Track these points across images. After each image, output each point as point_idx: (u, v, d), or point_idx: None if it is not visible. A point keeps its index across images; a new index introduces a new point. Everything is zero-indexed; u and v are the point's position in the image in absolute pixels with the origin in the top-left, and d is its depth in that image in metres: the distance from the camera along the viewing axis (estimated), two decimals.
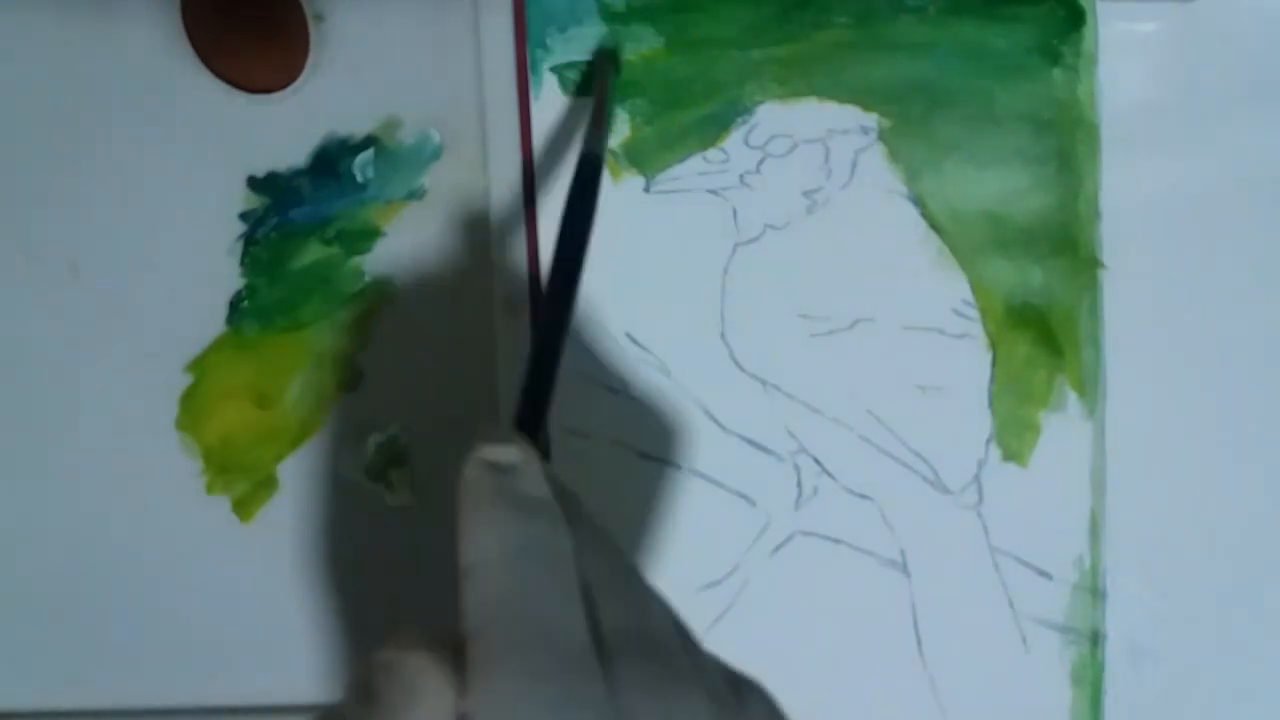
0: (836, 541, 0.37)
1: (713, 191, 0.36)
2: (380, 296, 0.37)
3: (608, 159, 0.36)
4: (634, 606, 0.21)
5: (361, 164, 0.37)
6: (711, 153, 0.36)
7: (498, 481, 0.22)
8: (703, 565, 0.37)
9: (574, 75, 0.36)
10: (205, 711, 0.39)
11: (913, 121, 0.35)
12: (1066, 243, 0.36)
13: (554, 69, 0.36)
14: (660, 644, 0.21)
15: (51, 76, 0.37)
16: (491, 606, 0.20)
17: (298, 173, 0.37)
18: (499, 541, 0.21)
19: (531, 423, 0.26)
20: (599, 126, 0.32)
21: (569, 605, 0.20)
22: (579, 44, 0.36)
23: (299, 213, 0.37)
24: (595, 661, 0.19)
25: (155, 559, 0.39)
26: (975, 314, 0.36)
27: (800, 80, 0.36)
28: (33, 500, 0.39)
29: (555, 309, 0.28)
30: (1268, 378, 0.36)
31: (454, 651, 0.19)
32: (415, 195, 0.37)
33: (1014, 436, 0.36)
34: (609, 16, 0.35)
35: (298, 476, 0.38)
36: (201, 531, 0.38)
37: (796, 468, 0.37)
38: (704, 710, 0.20)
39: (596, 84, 0.35)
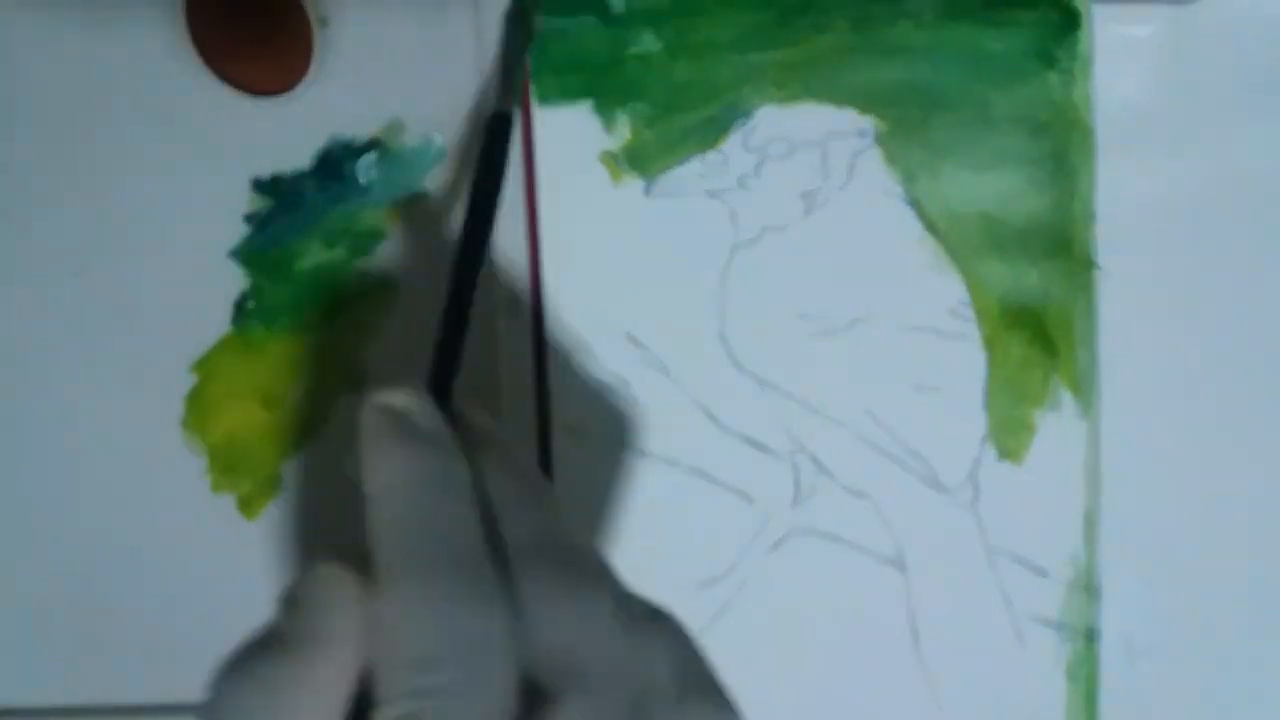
0: (834, 539, 0.37)
1: (712, 194, 0.36)
2: (383, 297, 0.37)
3: (608, 161, 0.36)
4: (542, 522, 0.23)
5: (365, 166, 0.37)
6: (710, 156, 0.36)
7: (393, 422, 0.24)
8: (700, 563, 0.37)
9: (573, 78, 0.36)
10: None
11: (910, 125, 0.36)
12: (1062, 244, 0.36)
13: (556, 72, 0.36)
14: (568, 552, 0.23)
15: (55, 79, 0.37)
16: (390, 525, 0.22)
17: (302, 175, 0.37)
18: (396, 472, 0.23)
19: (440, 382, 0.28)
20: (507, 82, 0.33)
21: (465, 521, 0.22)
22: (580, 47, 0.36)
23: (303, 215, 0.37)
24: (490, 564, 0.21)
25: (161, 557, 0.39)
26: (971, 315, 0.36)
27: (798, 84, 0.36)
28: (38, 499, 0.39)
29: (463, 271, 0.29)
30: (1263, 378, 0.36)
31: (361, 564, 0.22)
32: (418, 198, 0.37)
33: (1009, 435, 0.36)
34: (609, 20, 0.36)
35: (302, 475, 0.38)
36: (207, 529, 0.38)
37: (794, 466, 0.37)
38: (605, 610, 0.22)
39: (505, 38, 0.35)
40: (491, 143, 0.32)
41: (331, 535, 0.38)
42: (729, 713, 0.22)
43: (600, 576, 0.23)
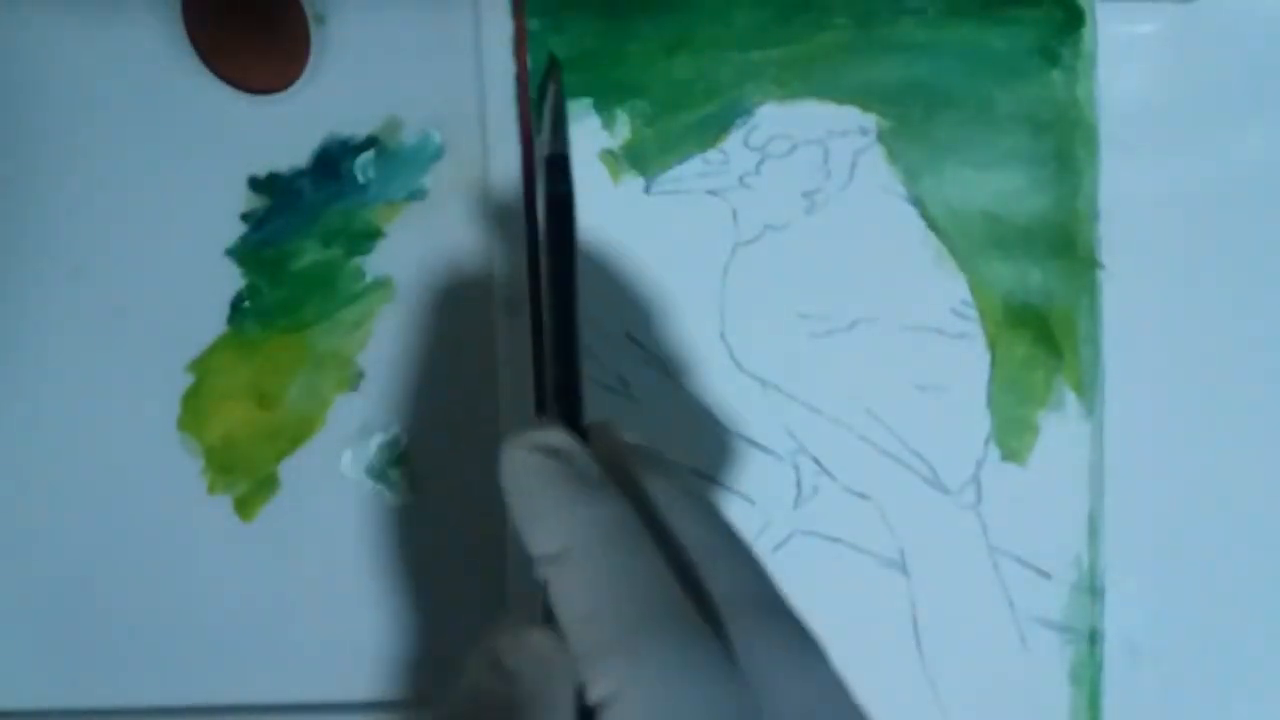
0: (836, 541, 0.37)
1: (712, 192, 0.36)
2: (381, 297, 0.37)
3: (607, 159, 0.36)
4: (744, 569, 0.21)
5: (362, 165, 0.37)
6: (711, 154, 0.36)
7: (556, 466, 0.21)
8: None
9: (575, 78, 0.36)
10: (206, 710, 0.39)
11: (912, 123, 0.35)
12: (1065, 243, 0.36)
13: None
14: (780, 604, 0.21)
15: (52, 77, 0.37)
16: (592, 591, 0.20)
17: (299, 173, 0.37)
18: (574, 528, 0.20)
19: (568, 406, 0.26)
20: (559, 124, 0.33)
21: (663, 576, 0.20)
22: (580, 44, 0.36)
23: (300, 213, 0.37)
24: (711, 630, 0.19)
25: (157, 558, 0.39)
26: (974, 314, 0.36)
27: (800, 81, 0.36)
28: (34, 500, 0.39)
29: (560, 303, 0.28)
30: (1267, 378, 0.36)
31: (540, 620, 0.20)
32: (416, 196, 0.37)
33: (1013, 436, 0.36)
34: (610, 15, 0.35)
35: (299, 476, 0.38)
36: (203, 531, 0.38)
37: (796, 467, 0.37)
38: (835, 675, 0.20)
39: (551, 90, 0.35)
40: (554, 186, 0.30)
41: (330, 537, 0.38)
42: None
43: (813, 633, 0.21)
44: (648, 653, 0.19)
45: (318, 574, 0.38)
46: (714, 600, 0.20)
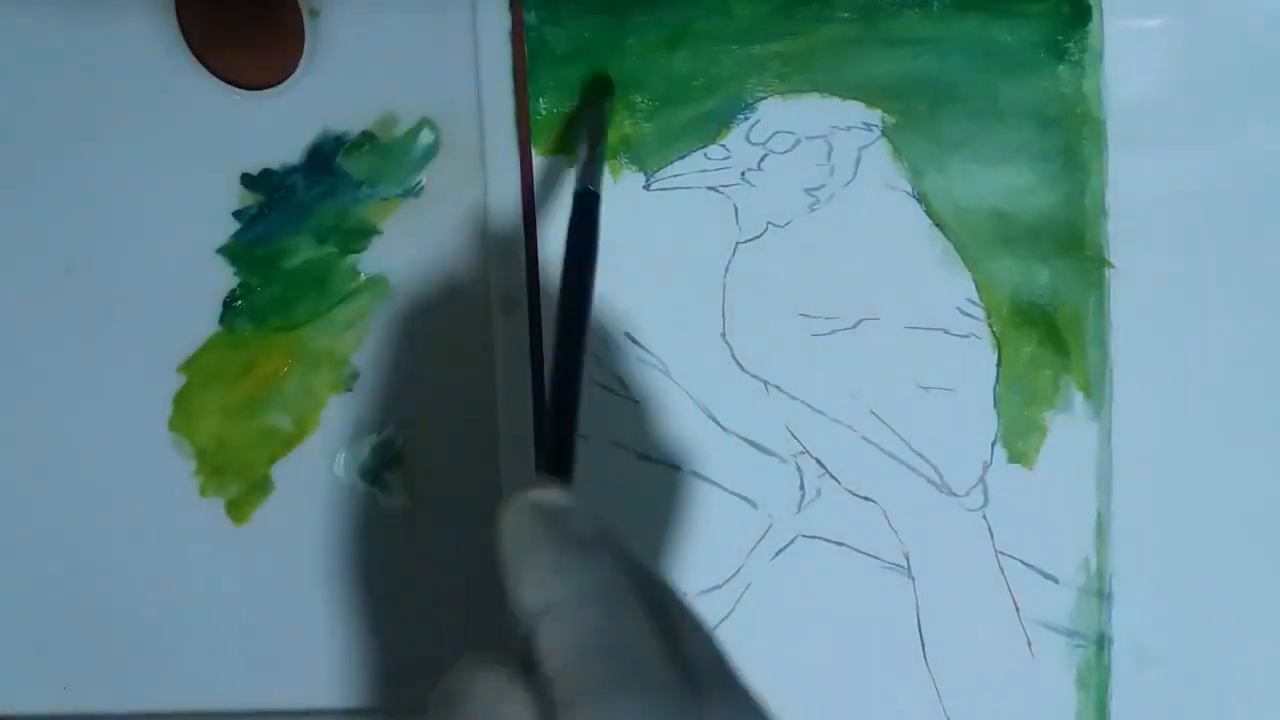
0: (839, 545, 0.37)
1: (714, 189, 0.36)
2: (376, 296, 0.37)
3: (609, 159, 0.36)
4: (709, 635, 0.22)
5: (357, 161, 0.36)
6: (713, 149, 0.36)
7: (551, 524, 0.23)
8: (704, 569, 0.37)
9: (573, 73, 0.35)
10: (197, 715, 0.39)
11: (917, 118, 0.35)
12: (1073, 241, 0.35)
13: (553, 63, 0.35)
14: (736, 672, 0.22)
15: (43, 72, 0.37)
16: (575, 646, 0.20)
17: (292, 170, 0.37)
18: (567, 582, 0.21)
19: (560, 465, 0.26)
20: (593, 160, 0.32)
21: (647, 638, 0.21)
22: (578, 38, 0.35)
23: (293, 210, 0.37)
24: (688, 692, 0.20)
25: (148, 563, 0.38)
26: (980, 313, 0.36)
27: (803, 76, 0.35)
28: (24, 503, 0.39)
29: (566, 350, 0.28)
30: (1277, 378, 0.36)
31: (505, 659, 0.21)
32: (411, 193, 0.37)
33: (1020, 438, 0.36)
34: (608, 9, 0.35)
35: (293, 479, 0.38)
36: (195, 535, 0.38)
37: (799, 469, 0.36)
38: None
39: (590, 114, 0.34)
40: (581, 219, 0.31)
41: (323, 541, 0.38)
42: None
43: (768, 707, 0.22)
44: (622, 703, 0.19)
45: (311, 578, 0.38)
46: (694, 663, 0.21)
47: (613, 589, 0.22)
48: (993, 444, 0.36)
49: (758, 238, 0.36)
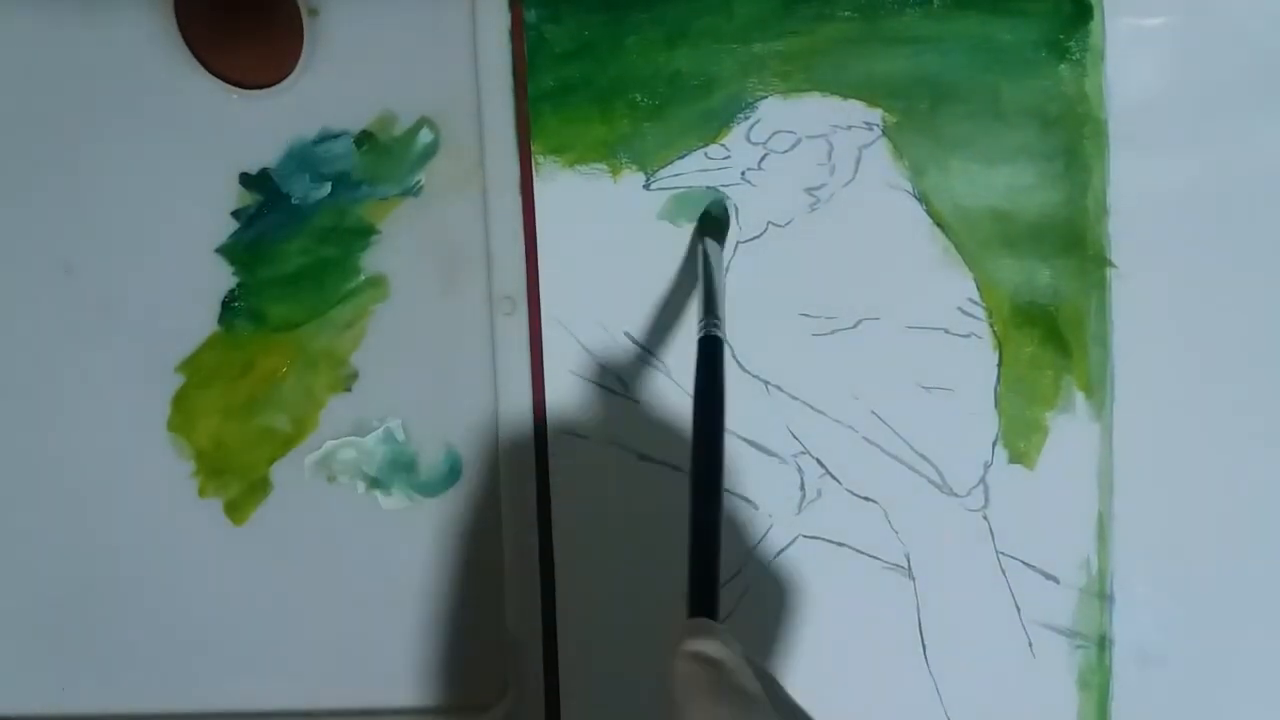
0: (840, 545, 0.36)
1: (714, 188, 0.36)
2: (375, 295, 0.37)
3: (609, 158, 0.36)
4: None
5: (356, 161, 0.36)
6: (713, 149, 0.36)
7: (713, 675, 0.23)
8: None
9: (574, 70, 0.35)
10: (197, 716, 0.39)
11: (918, 117, 0.35)
12: (1074, 240, 0.35)
13: (553, 62, 0.35)
14: None
15: (43, 73, 0.37)
16: None
17: (291, 169, 0.37)
18: None
19: (710, 606, 0.26)
20: (713, 304, 0.32)
21: None
22: (578, 36, 0.35)
23: (292, 210, 0.37)
24: None
25: (147, 563, 0.38)
26: (981, 313, 0.36)
27: (803, 75, 0.35)
28: (22, 504, 0.39)
29: (707, 495, 0.28)
30: (1279, 378, 0.36)
31: None
32: (411, 192, 0.37)
33: (1021, 438, 0.36)
34: (608, 7, 0.35)
35: (292, 478, 0.38)
36: (194, 535, 0.38)
37: (799, 470, 0.36)
38: None
39: (701, 254, 0.34)
40: (707, 365, 0.30)
41: (323, 541, 0.38)
42: None
43: None
44: None
45: (310, 579, 0.38)
46: None
47: None
48: (994, 444, 0.36)
49: (758, 237, 0.36)
